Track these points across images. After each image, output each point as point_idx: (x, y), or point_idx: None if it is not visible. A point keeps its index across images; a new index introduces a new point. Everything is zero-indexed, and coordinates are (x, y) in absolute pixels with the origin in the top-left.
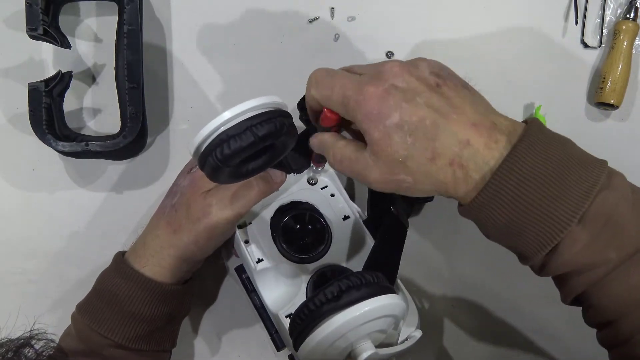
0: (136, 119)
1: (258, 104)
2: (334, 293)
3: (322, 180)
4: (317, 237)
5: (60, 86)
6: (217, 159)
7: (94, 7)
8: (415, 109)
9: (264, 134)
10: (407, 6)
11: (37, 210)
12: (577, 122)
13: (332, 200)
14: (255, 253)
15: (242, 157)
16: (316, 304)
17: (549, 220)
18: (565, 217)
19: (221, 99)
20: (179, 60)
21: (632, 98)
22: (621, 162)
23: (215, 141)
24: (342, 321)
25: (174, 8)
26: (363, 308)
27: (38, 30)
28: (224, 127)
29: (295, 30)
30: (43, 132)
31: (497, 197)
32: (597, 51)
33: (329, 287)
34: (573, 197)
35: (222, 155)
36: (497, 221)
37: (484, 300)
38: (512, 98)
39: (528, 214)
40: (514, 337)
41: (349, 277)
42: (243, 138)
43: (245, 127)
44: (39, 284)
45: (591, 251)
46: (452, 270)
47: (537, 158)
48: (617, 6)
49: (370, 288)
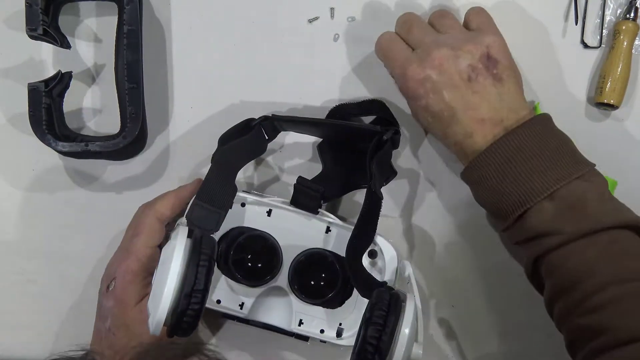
0: (136, 119)
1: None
2: (376, 337)
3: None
4: (269, 255)
5: (60, 86)
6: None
7: (94, 7)
8: (439, 101)
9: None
10: (407, 7)
11: (37, 210)
12: (577, 122)
13: (247, 209)
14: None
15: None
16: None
17: (527, 189)
18: (539, 189)
19: (221, 99)
20: (179, 60)
21: (632, 98)
22: (621, 162)
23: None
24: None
25: (174, 8)
26: (406, 329)
27: (38, 30)
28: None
29: (295, 30)
30: (43, 132)
31: (487, 164)
32: (597, 51)
33: (369, 333)
34: (551, 176)
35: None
36: (485, 184)
37: (484, 300)
38: None
39: (510, 183)
40: (514, 337)
41: (374, 314)
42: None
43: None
44: (39, 284)
45: (552, 222)
46: (452, 270)
47: (526, 139)
48: (617, 6)
49: (395, 309)
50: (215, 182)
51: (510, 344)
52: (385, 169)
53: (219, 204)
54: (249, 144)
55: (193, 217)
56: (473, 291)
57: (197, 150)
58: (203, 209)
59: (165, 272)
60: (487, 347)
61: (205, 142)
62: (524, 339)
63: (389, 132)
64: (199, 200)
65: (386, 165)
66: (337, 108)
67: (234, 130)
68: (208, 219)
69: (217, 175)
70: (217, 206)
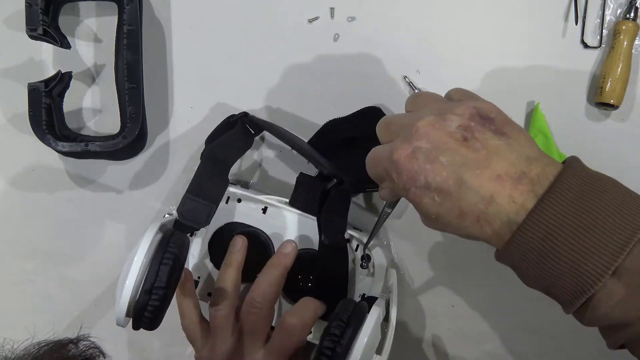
0: (136, 119)
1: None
2: (334, 343)
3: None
4: (260, 251)
5: (60, 86)
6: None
7: (94, 7)
8: (438, 169)
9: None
10: (407, 6)
11: (37, 210)
12: (577, 122)
13: (243, 205)
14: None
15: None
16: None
17: (580, 275)
18: (596, 271)
19: (221, 99)
20: (179, 60)
21: (632, 98)
22: (621, 162)
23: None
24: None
25: (174, 8)
26: (363, 340)
27: (38, 30)
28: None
29: (295, 30)
30: (43, 132)
31: (522, 251)
32: (597, 51)
33: (324, 344)
34: (607, 249)
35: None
36: (527, 273)
37: (484, 300)
38: (512, 98)
39: (557, 268)
40: (514, 337)
41: (332, 325)
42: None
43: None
44: (39, 284)
45: (628, 306)
46: (453, 271)
47: (566, 208)
48: (617, 6)
49: (354, 320)
50: (205, 176)
51: (511, 344)
52: (340, 217)
53: (209, 198)
54: (235, 138)
55: (184, 210)
56: (473, 291)
57: (197, 150)
58: (193, 202)
59: (129, 265)
60: (487, 347)
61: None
62: (524, 339)
63: (330, 183)
64: (189, 194)
65: (340, 214)
66: (329, 123)
67: (217, 129)
68: (199, 212)
69: (207, 169)
70: (207, 199)
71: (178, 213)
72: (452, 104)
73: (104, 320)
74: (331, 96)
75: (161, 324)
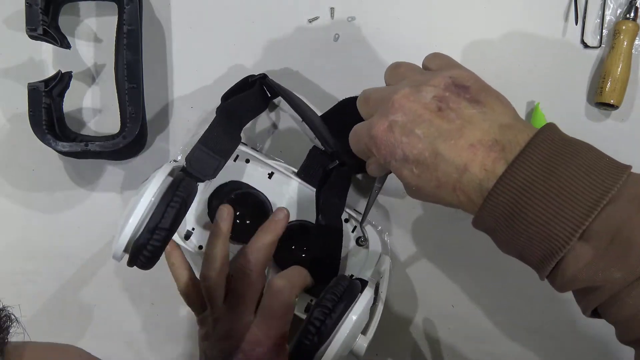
0: (136, 119)
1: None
2: (321, 319)
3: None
4: (259, 214)
5: (60, 86)
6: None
7: (94, 7)
8: (414, 141)
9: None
10: (407, 6)
11: (37, 210)
12: (577, 122)
13: (250, 167)
14: None
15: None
16: (312, 331)
17: (548, 239)
18: (564, 234)
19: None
20: (179, 60)
21: (632, 98)
22: (621, 162)
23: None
24: (342, 338)
25: (174, 8)
26: (354, 316)
27: (38, 30)
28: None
29: (295, 30)
30: (43, 132)
31: (493, 216)
32: (597, 51)
33: (314, 315)
34: (574, 213)
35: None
36: (499, 238)
37: (484, 300)
38: (512, 98)
39: (527, 232)
40: (514, 337)
41: (324, 297)
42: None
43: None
44: (39, 284)
45: (595, 269)
46: (453, 271)
47: (534, 172)
48: (617, 6)
49: (346, 298)
50: (218, 130)
51: (510, 344)
52: (339, 199)
53: (219, 152)
54: (252, 98)
55: (192, 159)
56: (473, 291)
57: None
58: (203, 153)
59: (136, 202)
60: (487, 347)
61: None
62: (524, 339)
63: (333, 163)
64: (201, 144)
65: (339, 195)
66: (345, 101)
67: (234, 88)
68: (207, 164)
69: (221, 123)
70: (217, 153)
71: (186, 161)
72: (429, 75)
73: (104, 320)
74: (331, 96)
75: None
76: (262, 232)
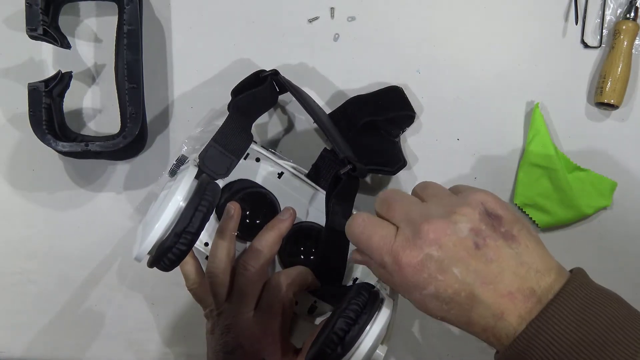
0: (136, 119)
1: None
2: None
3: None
4: (268, 214)
5: (60, 86)
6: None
7: (94, 7)
8: (450, 281)
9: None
10: (407, 6)
11: (37, 210)
12: (577, 122)
13: (260, 165)
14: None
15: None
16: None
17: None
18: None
19: (221, 99)
20: (179, 60)
21: (632, 98)
22: (621, 162)
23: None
24: (367, 347)
25: (174, 8)
26: (377, 328)
27: (38, 30)
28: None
29: (295, 30)
30: (43, 132)
31: (522, 357)
32: (597, 51)
33: (338, 325)
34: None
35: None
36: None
37: None
38: (512, 98)
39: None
40: None
41: (348, 307)
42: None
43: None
44: (39, 284)
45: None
46: None
47: (569, 321)
48: (617, 6)
49: (369, 310)
50: (232, 128)
51: None
52: (349, 204)
53: (233, 150)
54: (264, 95)
55: (206, 158)
56: None
57: (197, 150)
58: (217, 151)
59: (165, 205)
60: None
61: (205, 142)
62: None
63: (345, 168)
64: (215, 143)
65: (349, 201)
66: (353, 99)
67: (245, 82)
68: (220, 162)
69: (235, 121)
70: (231, 152)
71: (200, 159)
72: (459, 199)
73: (104, 320)
74: (331, 96)
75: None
76: (266, 230)
